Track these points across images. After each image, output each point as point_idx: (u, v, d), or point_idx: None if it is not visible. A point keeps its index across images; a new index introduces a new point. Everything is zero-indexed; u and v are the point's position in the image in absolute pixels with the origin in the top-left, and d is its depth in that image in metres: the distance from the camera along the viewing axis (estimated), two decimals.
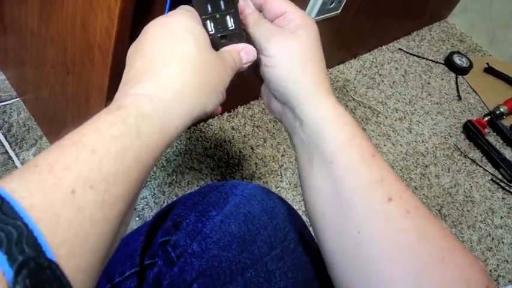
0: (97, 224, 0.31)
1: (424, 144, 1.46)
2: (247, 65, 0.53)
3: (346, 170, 0.47)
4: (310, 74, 0.51)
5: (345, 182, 0.47)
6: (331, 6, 1.11)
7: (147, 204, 0.99)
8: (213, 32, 0.51)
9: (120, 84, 0.43)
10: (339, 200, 0.47)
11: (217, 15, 0.52)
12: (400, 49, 1.75)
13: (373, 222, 0.45)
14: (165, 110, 0.40)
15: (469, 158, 1.49)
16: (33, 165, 0.31)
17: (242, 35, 0.53)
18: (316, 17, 1.10)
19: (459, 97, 1.68)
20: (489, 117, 1.60)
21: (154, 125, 0.38)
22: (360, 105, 1.47)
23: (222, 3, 0.52)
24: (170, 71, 0.42)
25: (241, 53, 0.52)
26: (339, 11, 1.17)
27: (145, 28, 0.46)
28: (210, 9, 0.51)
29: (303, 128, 0.51)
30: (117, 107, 0.37)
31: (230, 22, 0.52)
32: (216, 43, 0.51)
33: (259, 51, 0.53)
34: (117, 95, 0.42)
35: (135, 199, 0.37)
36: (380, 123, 1.45)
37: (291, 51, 0.51)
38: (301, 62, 0.51)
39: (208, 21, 0.51)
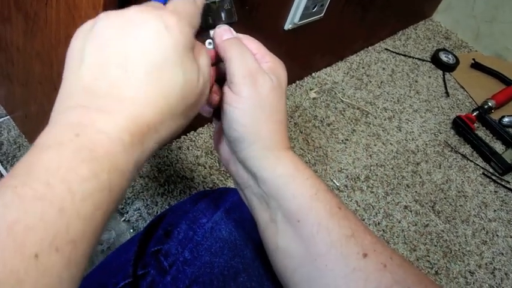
0: (63, 284, 0.28)
1: (415, 142, 1.47)
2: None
3: (316, 227, 0.44)
4: (273, 124, 0.47)
5: (316, 241, 0.44)
6: (314, 10, 1.12)
7: (140, 216, 0.99)
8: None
9: (82, 87, 0.36)
10: (312, 260, 0.44)
11: None
12: (386, 49, 1.76)
13: (351, 281, 0.42)
14: (138, 159, 0.35)
15: (459, 153, 1.50)
16: None
17: (231, 2, 0.52)
18: (299, 21, 1.11)
19: (447, 94, 1.69)
20: (478, 112, 1.61)
21: (125, 177, 0.34)
22: (348, 107, 1.48)
23: None
24: (158, 114, 0.36)
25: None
26: (322, 14, 1.18)
27: (136, 32, 0.37)
28: None
29: (260, 184, 0.48)
30: (91, 156, 0.31)
31: None
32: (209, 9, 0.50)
33: (228, 81, 0.47)
34: (79, 101, 0.35)
35: None
36: (369, 124, 1.46)
37: (260, 96, 0.46)
38: (267, 110, 0.47)
39: None
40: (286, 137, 0.49)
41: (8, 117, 1.09)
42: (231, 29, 0.51)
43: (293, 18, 1.10)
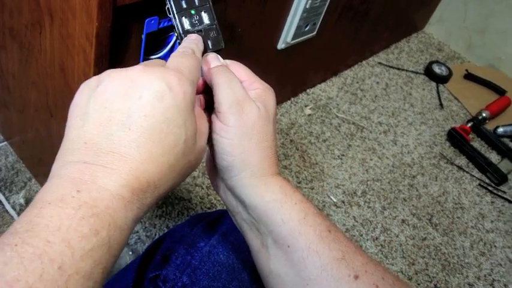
0: None
1: (410, 155, 1.48)
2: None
3: (306, 251, 0.44)
4: (261, 151, 0.47)
5: (307, 265, 0.44)
6: (306, 29, 1.14)
7: (139, 238, 1.00)
8: (189, 27, 0.52)
9: (84, 141, 0.36)
10: (304, 284, 0.44)
11: (192, 11, 0.52)
12: (379, 63, 1.78)
13: None
14: (137, 215, 0.36)
15: (455, 165, 1.50)
16: None
17: (218, 29, 0.53)
18: (292, 41, 1.12)
19: (441, 105, 1.71)
20: (472, 123, 1.62)
21: (124, 233, 0.34)
22: (343, 122, 1.49)
23: None
24: (159, 172, 0.37)
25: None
26: (315, 32, 1.19)
27: (140, 92, 0.37)
28: (184, 5, 0.52)
29: (249, 210, 0.48)
30: (92, 212, 0.32)
31: (206, 17, 0.53)
32: None
33: (215, 109, 0.47)
34: (82, 156, 0.35)
35: None
36: (365, 138, 1.47)
37: (247, 125, 0.46)
38: (255, 138, 0.46)
39: (183, 18, 0.51)
40: (275, 163, 0.49)
41: (6, 143, 1.10)
42: (218, 56, 0.51)
43: (286, 38, 1.12)
